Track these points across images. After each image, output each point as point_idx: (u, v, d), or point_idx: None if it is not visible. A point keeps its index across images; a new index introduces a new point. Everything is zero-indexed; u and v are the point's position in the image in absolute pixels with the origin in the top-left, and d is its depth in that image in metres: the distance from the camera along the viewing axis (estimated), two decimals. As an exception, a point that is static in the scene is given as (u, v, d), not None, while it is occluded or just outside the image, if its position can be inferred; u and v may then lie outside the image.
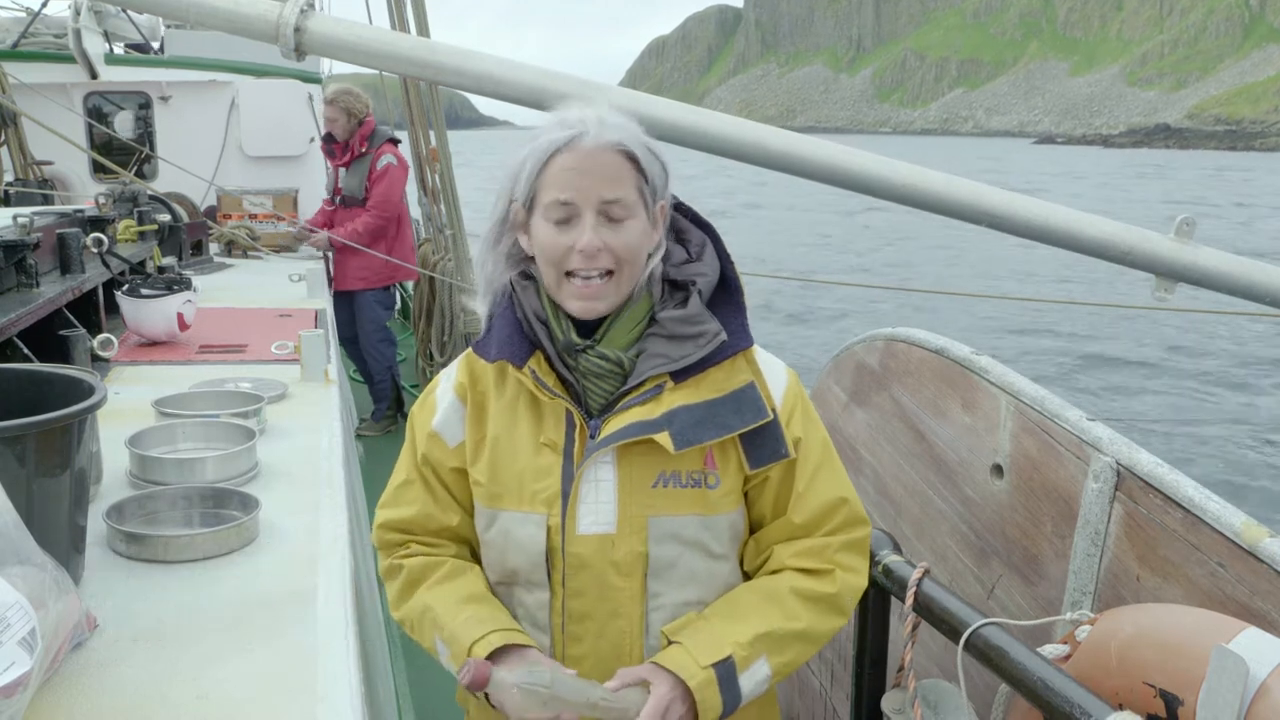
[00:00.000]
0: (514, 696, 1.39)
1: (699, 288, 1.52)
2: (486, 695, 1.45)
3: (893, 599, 1.93)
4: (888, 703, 1.94)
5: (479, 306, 1.61)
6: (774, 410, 1.52)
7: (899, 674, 1.90)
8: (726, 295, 1.55)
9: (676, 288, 1.54)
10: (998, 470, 2.06)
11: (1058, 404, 1.93)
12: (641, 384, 1.48)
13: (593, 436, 1.48)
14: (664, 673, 1.45)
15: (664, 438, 1.44)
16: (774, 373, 1.57)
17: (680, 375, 1.48)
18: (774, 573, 1.57)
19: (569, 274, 1.46)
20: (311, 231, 6.48)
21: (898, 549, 2.00)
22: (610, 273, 1.46)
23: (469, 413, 1.57)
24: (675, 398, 1.47)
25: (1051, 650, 1.66)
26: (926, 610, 1.81)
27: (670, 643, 1.49)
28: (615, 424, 1.47)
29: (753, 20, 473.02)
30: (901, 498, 2.37)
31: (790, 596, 1.52)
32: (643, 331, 1.51)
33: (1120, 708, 1.40)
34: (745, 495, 1.56)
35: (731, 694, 1.46)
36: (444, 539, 1.62)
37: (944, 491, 2.23)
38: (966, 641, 1.66)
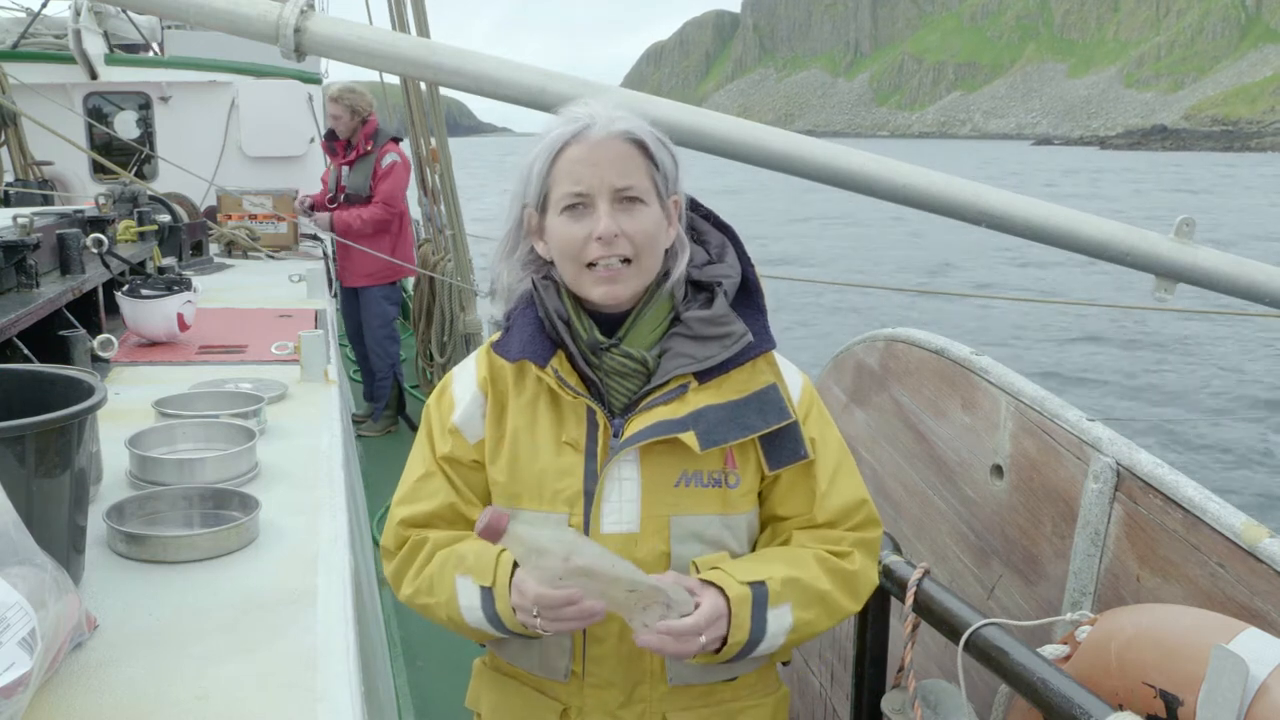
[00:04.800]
0: (529, 559, 1.34)
1: (724, 289, 1.52)
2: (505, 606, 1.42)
3: (893, 599, 1.93)
4: (888, 703, 1.95)
5: (494, 308, 1.61)
6: (793, 411, 1.53)
7: (899, 674, 1.90)
8: (747, 297, 1.56)
9: (699, 288, 1.55)
10: (998, 470, 2.06)
11: (1058, 404, 1.93)
12: (666, 383, 1.49)
13: (616, 436, 1.48)
14: (708, 585, 1.43)
15: (690, 437, 1.45)
16: (790, 375, 1.58)
17: (704, 376, 1.49)
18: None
19: (589, 265, 1.46)
20: (313, 209, 6.44)
21: (898, 549, 2.01)
22: (628, 260, 1.46)
23: (490, 409, 1.56)
24: (700, 398, 1.48)
25: (1051, 650, 1.66)
26: (926, 610, 1.81)
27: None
28: (640, 423, 1.47)
29: (750, 25, 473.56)
30: (901, 498, 2.37)
31: (814, 561, 1.52)
32: (665, 331, 1.52)
33: (1120, 708, 1.40)
34: (759, 495, 1.57)
35: (759, 622, 1.44)
36: (468, 531, 1.58)
37: (944, 491, 2.23)
38: (966, 641, 1.66)
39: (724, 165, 2.47)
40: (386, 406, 6.75)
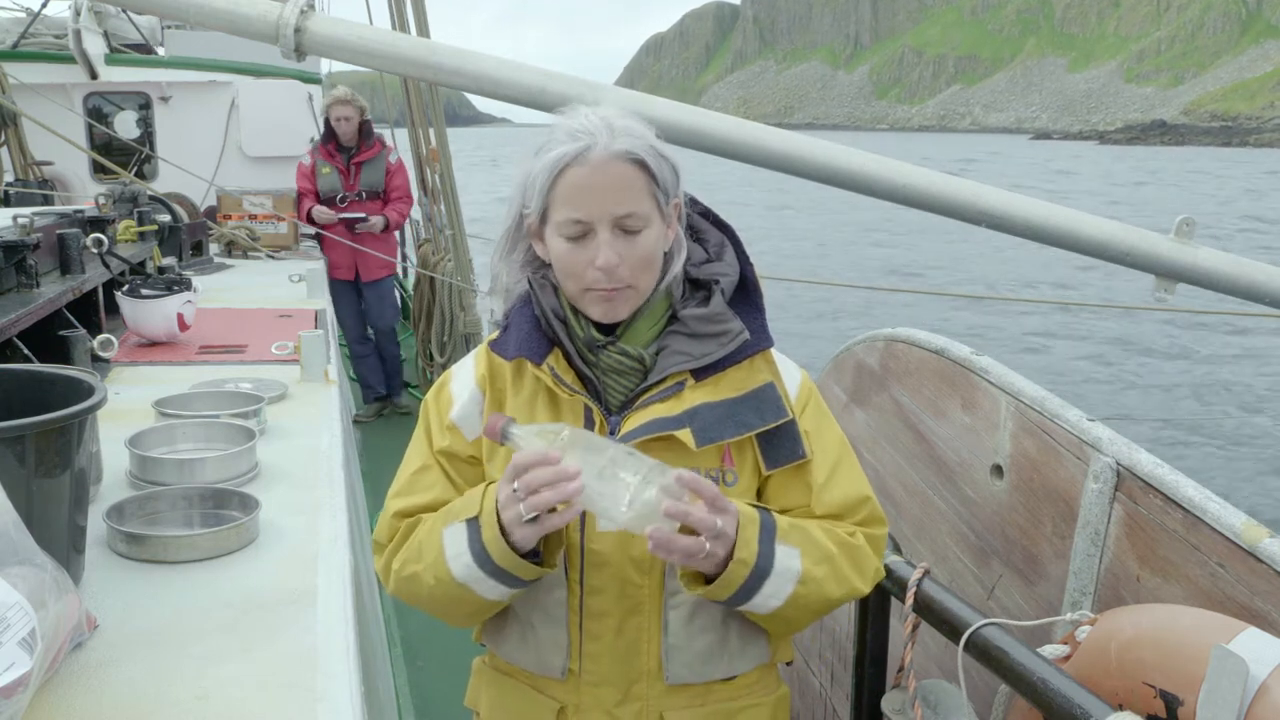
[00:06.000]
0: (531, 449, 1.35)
1: (721, 287, 1.52)
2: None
3: (893, 599, 1.93)
4: (888, 703, 1.95)
5: (495, 306, 1.60)
6: (790, 411, 1.52)
7: (899, 674, 1.90)
8: (745, 296, 1.55)
9: (697, 286, 1.54)
10: (998, 470, 2.06)
11: (1058, 404, 1.93)
12: (662, 381, 1.49)
13: (613, 433, 1.48)
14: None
15: (685, 434, 1.44)
16: (789, 373, 1.57)
17: (701, 373, 1.48)
18: None
19: (588, 287, 1.46)
20: (362, 219, 6.53)
21: (898, 549, 2.01)
22: (630, 285, 1.46)
23: (488, 407, 1.56)
24: (696, 395, 1.47)
25: (1051, 650, 1.66)
26: (926, 610, 1.81)
27: None
28: (636, 420, 1.47)
29: (750, 17, 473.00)
30: (901, 498, 2.37)
31: (818, 527, 1.50)
32: (663, 329, 1.52)
33: (1120, 708, 1.40)
34: (757, 493, 1.56)
35: (767, 548, 1.42)
36: None
37: (944, 491, 2.23)
38: (966, 641, 1.66)
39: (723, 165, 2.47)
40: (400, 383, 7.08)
